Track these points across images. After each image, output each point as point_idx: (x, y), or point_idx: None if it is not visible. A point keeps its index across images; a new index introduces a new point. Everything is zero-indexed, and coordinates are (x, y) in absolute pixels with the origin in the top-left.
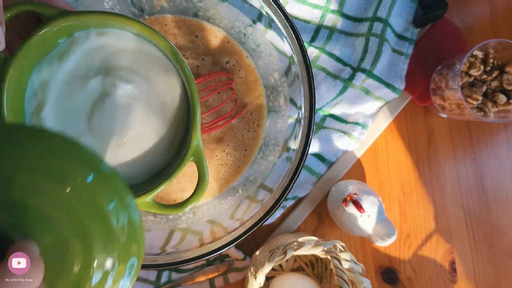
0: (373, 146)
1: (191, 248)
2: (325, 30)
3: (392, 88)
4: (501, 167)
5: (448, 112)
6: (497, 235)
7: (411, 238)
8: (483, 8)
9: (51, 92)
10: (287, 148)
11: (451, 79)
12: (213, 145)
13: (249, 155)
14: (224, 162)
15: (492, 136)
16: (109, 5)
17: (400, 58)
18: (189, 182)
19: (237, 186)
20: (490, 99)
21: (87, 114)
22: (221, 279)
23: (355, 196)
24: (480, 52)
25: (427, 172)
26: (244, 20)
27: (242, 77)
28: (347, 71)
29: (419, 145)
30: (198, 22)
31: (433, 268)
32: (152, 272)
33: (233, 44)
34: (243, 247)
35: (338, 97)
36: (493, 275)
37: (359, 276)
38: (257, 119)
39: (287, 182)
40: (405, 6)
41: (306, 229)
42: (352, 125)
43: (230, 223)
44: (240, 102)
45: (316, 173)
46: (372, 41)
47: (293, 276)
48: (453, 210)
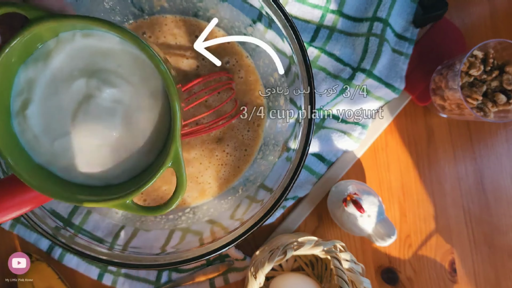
0: (373, 146)
1: (191, 248)
2: (325, 30)
3: (392, 88)
4: (501, 167)
5: (448, 112)
6: (497, 235)
7: (411, 238)
8: (483, 8)
9: (36, 91)
10: (287, 148)
11: (451, 79)
12: (213, 145)
13: (249, 155)
14: (224, 162)
15: (492, 136)
16: (109, 5)
17: (400, 58)
18: (189, 182)
19: (237, 186)
20: (490, 99)
21: (72, 114)
22: (221, 279)
23: (355, 196)
24: (480, 52)
25: (427, 172)
26: (244, 20)
27: (242, 77)
28: (347, 71)
29: (419, 145)
30: (198, 22)
31: (433, 268)
32: (152, 272)
33: (233, 44)
34: (243, 247)
35: (338, 97)
36: (493, 275)
37: (359, 276)
38: (257, 119)
39: (287, 182)
40: (405, 6)
41: (306, 229)
42: (352, 125)
43: (230, 223)
44: (240, 102)
45: (316, 173)
46: (372, 41)
47: (293, 276)
48: (453, 210)
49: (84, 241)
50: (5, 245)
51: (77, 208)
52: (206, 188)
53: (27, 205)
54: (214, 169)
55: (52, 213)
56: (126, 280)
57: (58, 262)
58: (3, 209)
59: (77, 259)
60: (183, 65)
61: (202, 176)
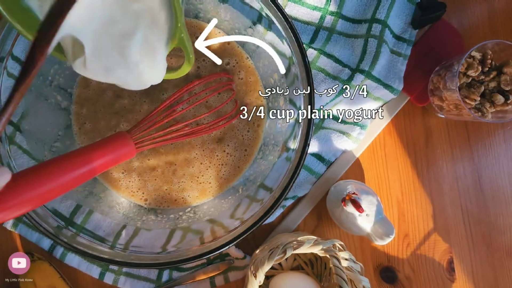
0: (371, 146)
1: (192, 247)
2: (324, 31)
3: (390, 89)
4: (499, 167)
5: (446, 112)
6: (495, 234)
7: (409, 237)
8: (481, 9)
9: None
10: (287, 148)
11: (449, 80)
12: (214, 145)
13: (249, 155)
14: (224, 162)
15: (490, 136)
16: None
17: (399, 59)
18: (189, 181)
19: (237, 185)
20: (488, 99)
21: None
22: (221, 278)
23: (354, 196)
24: (478, 53)
25: (425, 172)
26: (244, 22)
27: (242, 78)
28: (346, 72)
29: (417, 145)
30: (198, 23)
31: (432, 267)
32: (153, 271)
33: (233, 45)
34: (243, 246)
35: (337, 98)
36: (491, 274)
37: (358, 275)
38: (257, 119)
39: (286, 181)
40: (403, 8)
41: (305, 228)
42: (351, 125)
43: (230, 222)
44: (240, 102)
45: (315, 173)
46: (371, 42)
47: (293, 275)
48: (451, 210)
49: (85, 240)
50: (7, 245)
51: (79, 208)
52: (207, 187)
53: (29, 204)
54: (214, 169)
55: (54, 213)
56: (127, 279)
57: (59, 261)
58: (4, 209)
59: (79, 258)
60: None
61: (202, 176)
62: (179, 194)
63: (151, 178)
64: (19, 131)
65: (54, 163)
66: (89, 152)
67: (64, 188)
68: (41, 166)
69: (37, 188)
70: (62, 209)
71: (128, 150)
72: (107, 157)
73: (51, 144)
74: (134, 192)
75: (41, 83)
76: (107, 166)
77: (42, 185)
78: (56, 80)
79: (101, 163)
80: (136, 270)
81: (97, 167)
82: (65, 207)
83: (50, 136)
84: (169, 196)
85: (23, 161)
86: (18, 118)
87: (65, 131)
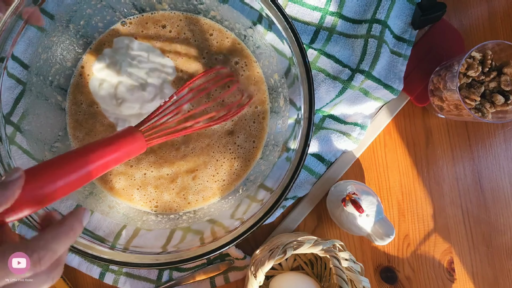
0: (372, 147)
1: (192, 247)
2: (324, 31)
3: (390, 89)
4: (499, 167)
5: (446, 112)
6: (495, 234)
7: (409, 238)
8: (482, 10)
9: None
10: (287, 148)
11: (449, 80)
12: (226, 138)
13: (257, 148)
14: (236, 156)
15: (490, 137)
16: (108, 5)
17: (399, 59)
18: (205, 182)
19: (238, 186)
20: (488, 100)
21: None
22: (222, 278)
23: (354, 196)
24: (478, 54)
25: (425, 172)
26: (244, 22)
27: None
28: (346, 72)
29: (417, 145)
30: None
31: (432, 268)
32: (153, 271)
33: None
34: (243, 246)
35: (337, 98)
36: (491, 274)
37: (358, 275)
38: (262, 112)
39: (286, 182)
40: (403, 8)
41: (305, 228)
42: (351, 125)
43: (231, 223)
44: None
45: (315, 173)
46: (371, 43)
47: (293, 275)
48: (452, 210)
49: (86, 240)
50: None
51: None
52: (220, 186)
53: (30, 206)
54: (228, 164)
55: None
56: (127, 279)
57: None
58: (7, 211)
59: (79, 258)
60: (187, 63)
61: (218, 173)
62: (194, 196)
63: (168, 188)
64: (20, 131)
65: (66, 157)
66: (102, 146)
67: (77, 183)
68: (52, 162)
69: (52, 183)
70: (62, 209)
71: (139, 144)
72: (119, 152)
73: (51, 144)
74: (146, 203)
75: (41, 83)
76: (119, 160)
77: (56, 181)
78: (56, 80)
79: (114, 157)
80: (136, 270)
81: (110, 161)
82: (65, 207)
83: (50, 136)
84: (174, 204)
85: (23, 161)
86: (18, 118)
87: (65, 131)
